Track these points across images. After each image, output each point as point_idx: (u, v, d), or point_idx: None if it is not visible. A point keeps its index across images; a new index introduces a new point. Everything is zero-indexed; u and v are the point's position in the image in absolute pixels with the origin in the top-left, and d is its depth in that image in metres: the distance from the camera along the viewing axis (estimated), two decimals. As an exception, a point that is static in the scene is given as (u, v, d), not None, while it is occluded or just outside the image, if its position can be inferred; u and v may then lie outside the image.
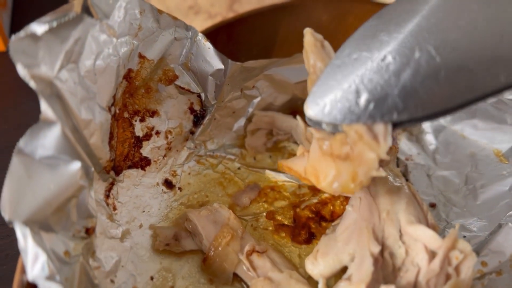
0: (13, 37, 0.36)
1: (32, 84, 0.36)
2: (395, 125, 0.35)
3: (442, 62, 0.34)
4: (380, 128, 0.35)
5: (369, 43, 0.36)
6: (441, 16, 0.35)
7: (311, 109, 0.36)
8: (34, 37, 0.37)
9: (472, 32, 0.34)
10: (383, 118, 0.34)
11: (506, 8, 0.34)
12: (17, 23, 0.73)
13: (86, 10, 0.40)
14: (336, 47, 0.65)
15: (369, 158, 0.35)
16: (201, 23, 0.72)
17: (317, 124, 0.37)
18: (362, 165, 0.36)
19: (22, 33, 0.36)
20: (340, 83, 0.36)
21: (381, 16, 0.38)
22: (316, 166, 0.40)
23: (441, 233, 0.49)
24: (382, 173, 0.36)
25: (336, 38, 0.64)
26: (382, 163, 0.36)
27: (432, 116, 0.35)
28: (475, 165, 0.54)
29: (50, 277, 0.35)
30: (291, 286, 0.43)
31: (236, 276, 0.46)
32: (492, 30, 0.34)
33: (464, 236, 0.48)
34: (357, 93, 0.35)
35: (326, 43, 0.42)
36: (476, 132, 0.56)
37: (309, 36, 0.42)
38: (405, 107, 0.34)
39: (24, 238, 0.35)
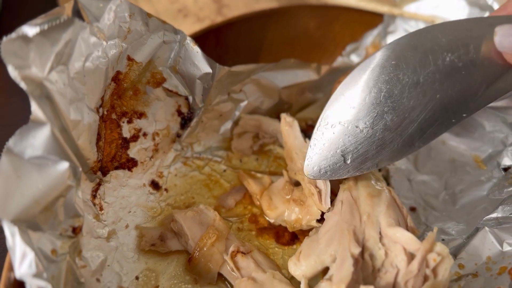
0: (5, 38, 0.36)
1: (22, 85, 0.37)
2: None
3: (408, 120, 0.43)
4: (321, 185, 0.47)
5: (341, 112, 0.45)
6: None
7: (310, 172, 0.46)
8: (25, 39, 0.37)
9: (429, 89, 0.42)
10: (362, 171, 0.46)
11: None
12: (6, 23, 0.73)
13: (77, 13, 0.41)
14: (321, 53, 0.67)
15: (314, 212, 0.48)
16: (189, 27, 0.73)
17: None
18: (308, 215, 0.48)
19: (13, 35, 0.37)
20: (328, 150, 0.45)
21: (347, 84, 0.45)
22: (272, 197, 0.52)
23: (421, 236, 0.50)
24: (316, 224, 0.47)
25: (323, 44, 0.66)
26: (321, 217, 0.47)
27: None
28: (455, 171, 0.56)
29: (38, 275, 0.36)
30: (274, 286, 0.44)
31: (220, 276, 0.47)
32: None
33: (443, 239, 0.50)
34: (343, 157, 0.45)
35: (295, 123, 0.54)
36: (456, 138, 0.58)
37: (283, 120, 0.54)
38: (379, 164, 0.45)
39: (12, 237, 0.35)
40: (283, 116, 0.55)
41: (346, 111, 0.44)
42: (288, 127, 0.54)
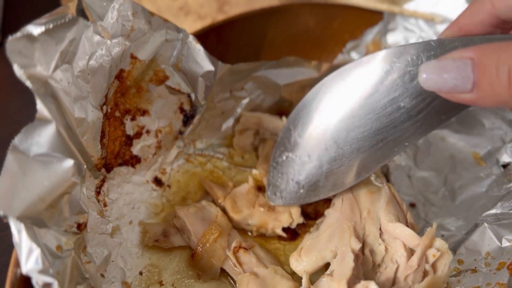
0: (10, 37, 0.37)
1: (28, 83, 0.37)
2: None
3: (346, 153, 0.44)
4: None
5: (288, 146, 0.47)
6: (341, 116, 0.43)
7: (273, 199, 0.50)
8: (30, 38, 0.38)
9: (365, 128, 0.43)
10: (319, 198, 0.48)
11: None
12: (9, 21, 0.73)
13: (81, 12, 0.41)
14: (321, 51, 0.67)
15: (283, 218, 0.50)
16: (191, 25, 0.73)
17: None
18: (276, 221, 0.50)
19: (19, 34, 0.37)
20: (281, 181, 0.49)
21: (294, 117, 0.47)
22: (236, 201, 0.52)
23: (420, 232, 0.50)
24: (281, 233, 0.50)
25: (323, 42, 0.66)
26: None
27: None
28: (454, 167, 0.56)
29: (44, 271, 0.36)
30: (275, 282, 0.44)
31: (223, 272, 0.48)
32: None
33: (442, 235, 0.50)
34: (297, 185, 0.48)
35: None
36: (456, 135, 0.58)
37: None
38: (331, 191, 0.47)
39: (19, 233, 0.36)
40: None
41: (296, 142, 0.47)
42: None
